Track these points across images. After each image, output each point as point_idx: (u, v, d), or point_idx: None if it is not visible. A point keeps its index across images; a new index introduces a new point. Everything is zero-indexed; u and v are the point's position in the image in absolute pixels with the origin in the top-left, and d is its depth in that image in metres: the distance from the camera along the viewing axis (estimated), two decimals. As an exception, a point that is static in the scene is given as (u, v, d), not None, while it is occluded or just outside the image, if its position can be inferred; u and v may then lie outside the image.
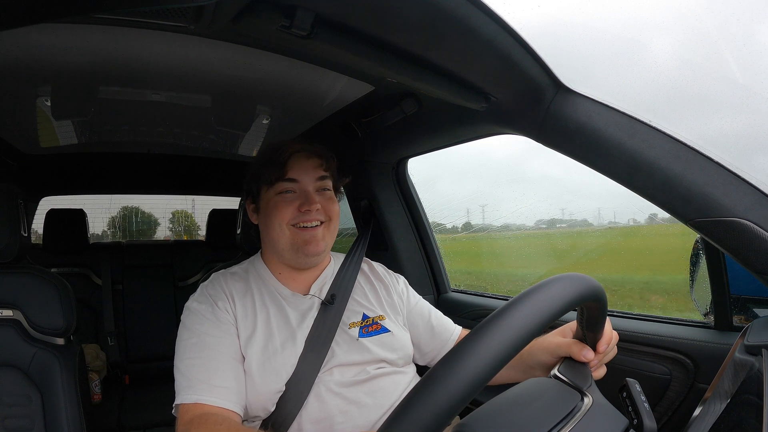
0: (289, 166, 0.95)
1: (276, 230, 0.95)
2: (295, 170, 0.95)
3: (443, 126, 1.22)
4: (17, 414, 1.05)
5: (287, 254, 0.96)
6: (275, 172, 0.95)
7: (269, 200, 0.96)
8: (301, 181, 0.96)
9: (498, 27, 0.69)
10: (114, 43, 0.95)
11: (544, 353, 0.81)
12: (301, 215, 0.94)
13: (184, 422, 0.77)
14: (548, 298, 0.50)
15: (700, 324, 1.04)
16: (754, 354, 0.67)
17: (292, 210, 0.94)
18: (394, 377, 0.93)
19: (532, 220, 2.43)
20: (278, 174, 0.95)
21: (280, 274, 0.99)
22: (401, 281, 1.12)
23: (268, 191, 0.96)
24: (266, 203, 0.97)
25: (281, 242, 0.95)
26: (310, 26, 0.66)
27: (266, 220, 0.97)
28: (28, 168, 1.88)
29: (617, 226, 2.24)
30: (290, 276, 0.99)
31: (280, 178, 0.95)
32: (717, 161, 0.71)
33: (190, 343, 0.86)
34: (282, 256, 0.97)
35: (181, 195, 2.93)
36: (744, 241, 0.68)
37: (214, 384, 0.81)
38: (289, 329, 0.92)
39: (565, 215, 2.44)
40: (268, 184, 0.96)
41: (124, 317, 2.32)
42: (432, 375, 0.44)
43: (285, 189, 0.95)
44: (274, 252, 0.99)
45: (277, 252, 0.98)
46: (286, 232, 0.94)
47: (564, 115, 0.82)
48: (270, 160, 0.96)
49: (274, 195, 0.95)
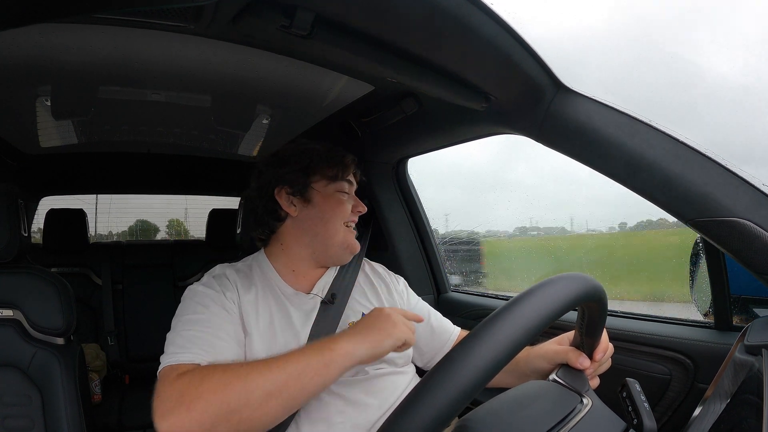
0: (350, 170, 1.01)
1: (333, 225, 0.97)
2: (352, 175, 1.02)
3: (443, 126, 1.22)
4: (17, 414, 1.05)
5: (333, 250, 0.98)
6: (339, 170, 0.99)
7: (329, 195, 0.98)
8: (354, 186, 1.03)
9: (498, 27, 0.69)
10: (114, 43, 0.95)
11: (541, 360, 0.83)
12: (352, 216, 1.00)
13: (178, 374, 0.70)
14: (550, 297, 0.50)
15: (700, 324, 1.04)
16: (754, 354, 0.67)
17: (349, 209, 0.99)
18: (393, 378, 0.93)
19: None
20: (343, 173, 0.99)
21: (293, 272, 0.98)
22: (401, 282, 1.12)
23: (328, 186, 0.98)
24: (324, 197, 0.98)
25: (335, 237, 0.97)
26: (310, 26, 0.66)
27: (321, 213, 0.97)
28: (28, 168, 1.88)
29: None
30: (305, 273, 0.99)
31: (343, 177, 0.99)
32: (717, 161, 0.71)
33: (194, 318, 0.81)
34: (324, 252, 0.98)
35: (180, 195, 2.93)
36: (744, 241, 0.68)
37: (217, 355, 0.76)
38: (293, 330, 0.91)
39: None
40: (328, 179, 0.99)
41: (124, 317, 2.32)
42: (431, 377, 0.44)
43: (343, 189, 1.00)
44: (310, 246, 0.98)
45: (319, 246, 0.97)
46: (341, 228, 0.98)
47: (564, 115, 0.82)
48: (332, 158, 1.00)
49: (334, 191, 0.99)
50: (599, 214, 2.62)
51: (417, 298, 1.11)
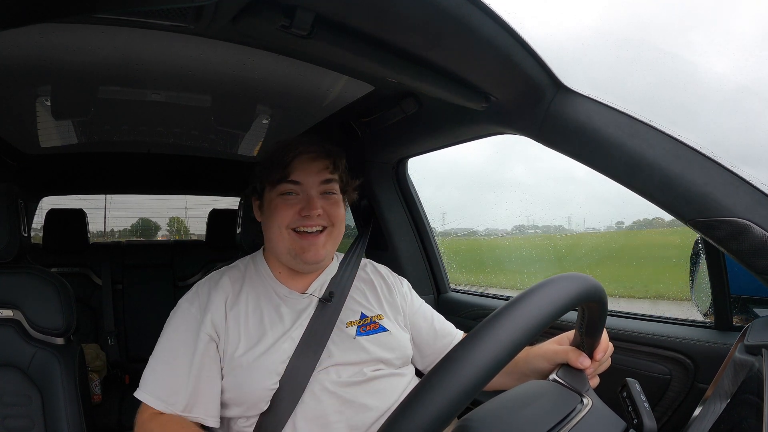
0: (292, 167, 0.92)
1: (275, 232, 0.94)
2: (299, 172, 0.93)
3: (443, 126, 1.22)
4: (17, 414, 1.05)
5: (285, 258, 0.95)
6: (278, 172, 0.93)
7: (271, 201, 0.95)
8: (303, 184, 0.93)
9: (498, 27, 0.69)
10: (114, 43, 0.95)
11: (540, 360, 0.82)
12: (301, 219, 0.92)
13: (143, 420, 0.85)
14: (550, 297, 0.50)
15: (700, 324, 1.04)
16: (754, 354, 0.67)
17: (293, 213, 0.92)
18: (391, 379, 0.93)
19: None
20: (281, 175, 0.93)
21: (280, 273, 0.99)
22: (405, 284, 1.11)
23: (271, 191, 0.95)
24: (268, 203, 0.96)
25: (280, 245, 0.94)
26: (310, 26, 0.66)
27: (266, 220, 0.97)
28: (28, 168, 1.88)
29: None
30: (290, 276, 0.99)
31: (282, 179, 0.93)
32: (717, 161, 0.71)
33: (168, 346, 0.89)
34: (280, 259, 0.97)
35: (180, 195, 2.93)
36: (744, 241, 0.68)
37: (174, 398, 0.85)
38: (283, 327, 0.91)
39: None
40: (270, 184, 0.95)
41: (124, 317, 2.32)
42: (431, 378, 0.44)
43: (287, 191, 0.93)
44: (273, 253, 0.98)
45: (275, 254, 0.97)
46: (285, 235, 0.92)
47: (564, 115, 0.82)
48: (275, 160, 0.94)
49: (275, 196, 0.94)
50: (597, 214, 2.74)
51: (421, 301, 1.10)
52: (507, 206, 2.44)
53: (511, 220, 2.78)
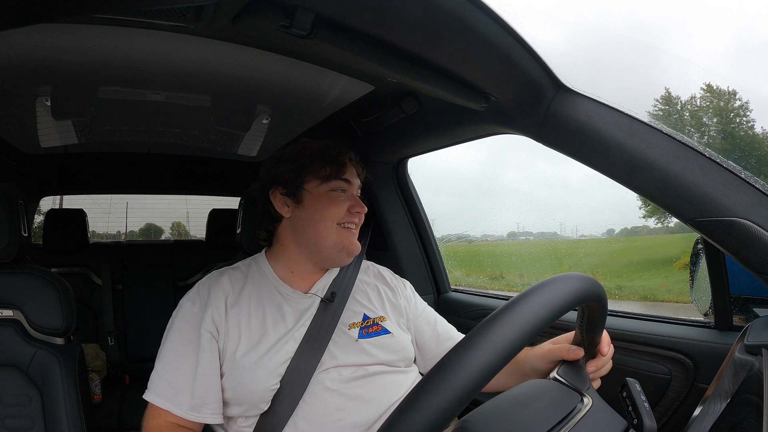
0: (347, 168, 0.98)
1: (324, 226, 0.94)
2: (350, 173, 0.99)
3: (443, 126, 1.22)
4: (17, 414, 1.05)
5: (327, 252, 0.95)
6: (333, 169, 0.96)
7: (321, 195, 0.95)
8: (352, 185, 0.99)
9: (498, 27, 0.69)
10: (114, 43, 0.95)
11: (538, 359, 0.83)
12: (349, 216, 0.96)
13: (150, 427, 0.88)
14: (550, 297, 0.50)
15: (700, 324, 1.04)
16: (754, 354, 0.67)
17: (344, 210, 0.96)
18: (394, 376, 0.93)
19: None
20: (338, 172, 0.96)
21: (292, 273, 0.98)
22: (408, 286, 1.11)
23: (320, 186, 0.96)
24: (315, 197, 0.96)
25: (327, 239, 0.94)
26: (310, 26, 0.66)
27: (311, 214, 0.95)
28: (28, 168, 1.88)
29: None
30: (303, 274, 0.98)
31: (338, 176, 0.96)
32: (717, 161, 0.71)
33: (172, 347, 0.90)
34: (317, 254, 0.96)
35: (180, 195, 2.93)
36: (744, 241, 0.68)
37: (181, 398, 0.87)
38: (285, 327, 0.92)
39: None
40: (320, 179, 0.96)
41: (124, 317, 2.32)
42: (430, 378, 0.44)
43: (339, 187, 0.96)
44: (306, 248, 0.97)
45: (313, 248, 0.96)
46: (333, 230, 0.95)
47: (564, 115, 0.82)
48: (326, 157, 0.97)
49: (327, 190, 0.96)
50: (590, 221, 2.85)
51: (424, 304, 1.10)
52: (501, 213, 2.48)
53: (506, 227, 2.82)
